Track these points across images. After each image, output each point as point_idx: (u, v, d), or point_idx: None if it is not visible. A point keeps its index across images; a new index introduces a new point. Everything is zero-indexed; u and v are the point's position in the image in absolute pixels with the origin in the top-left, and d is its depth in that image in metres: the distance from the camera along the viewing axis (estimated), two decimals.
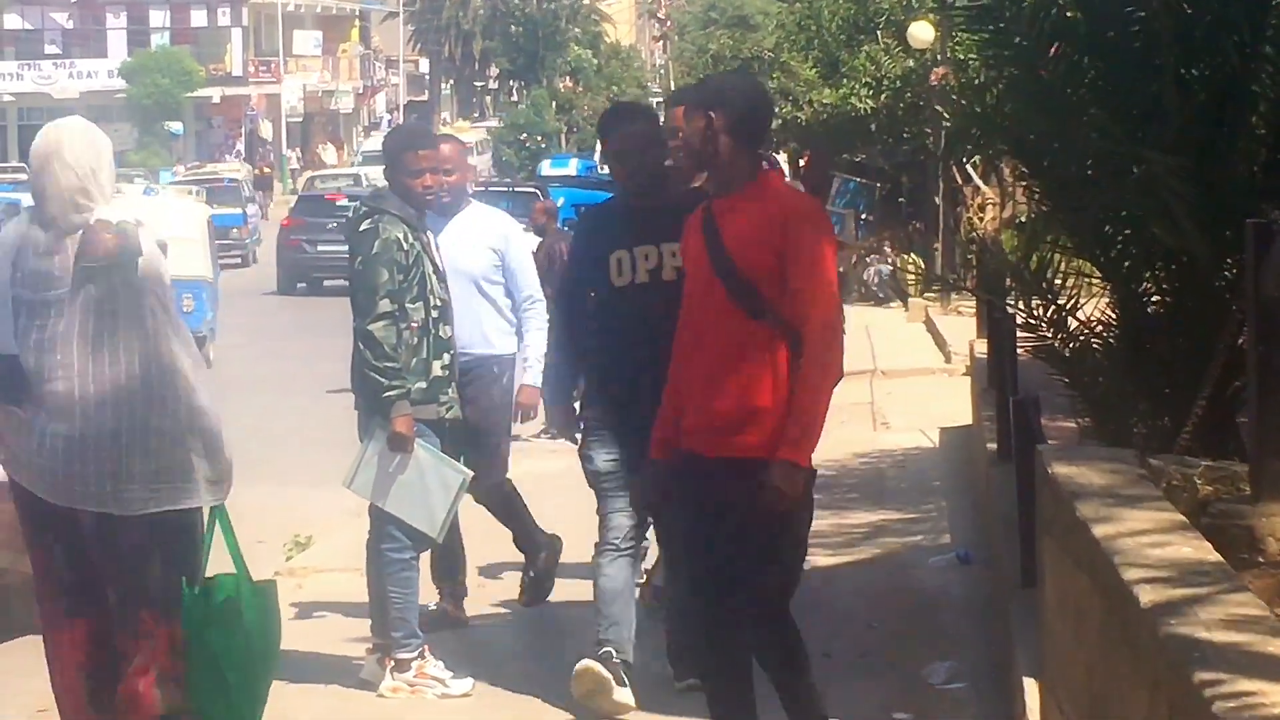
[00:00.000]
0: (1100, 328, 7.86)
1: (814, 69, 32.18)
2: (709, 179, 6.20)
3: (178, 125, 67.97)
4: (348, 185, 44.94)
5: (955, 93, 11.09)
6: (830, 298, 5.69)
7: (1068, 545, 5.05)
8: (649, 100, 68.00)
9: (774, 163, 11.97)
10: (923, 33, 27.35)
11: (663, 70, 78.86)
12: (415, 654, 7.52)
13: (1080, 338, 7.90)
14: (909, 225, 30.95)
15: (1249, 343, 5.48)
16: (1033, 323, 8.05)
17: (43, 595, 6.04)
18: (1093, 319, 7.88)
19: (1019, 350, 9.09)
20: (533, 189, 33.41)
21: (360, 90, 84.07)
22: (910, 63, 29.01)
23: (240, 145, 70.86)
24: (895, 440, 14.94)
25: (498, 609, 9.03)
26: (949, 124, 12.76)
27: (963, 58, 19.63)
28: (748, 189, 5.80)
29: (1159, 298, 7.62)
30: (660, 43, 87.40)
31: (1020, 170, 10.45)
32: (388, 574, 7.54)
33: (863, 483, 12.67)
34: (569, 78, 78.27)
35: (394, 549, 7.54)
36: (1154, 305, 7.65)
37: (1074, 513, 4.89)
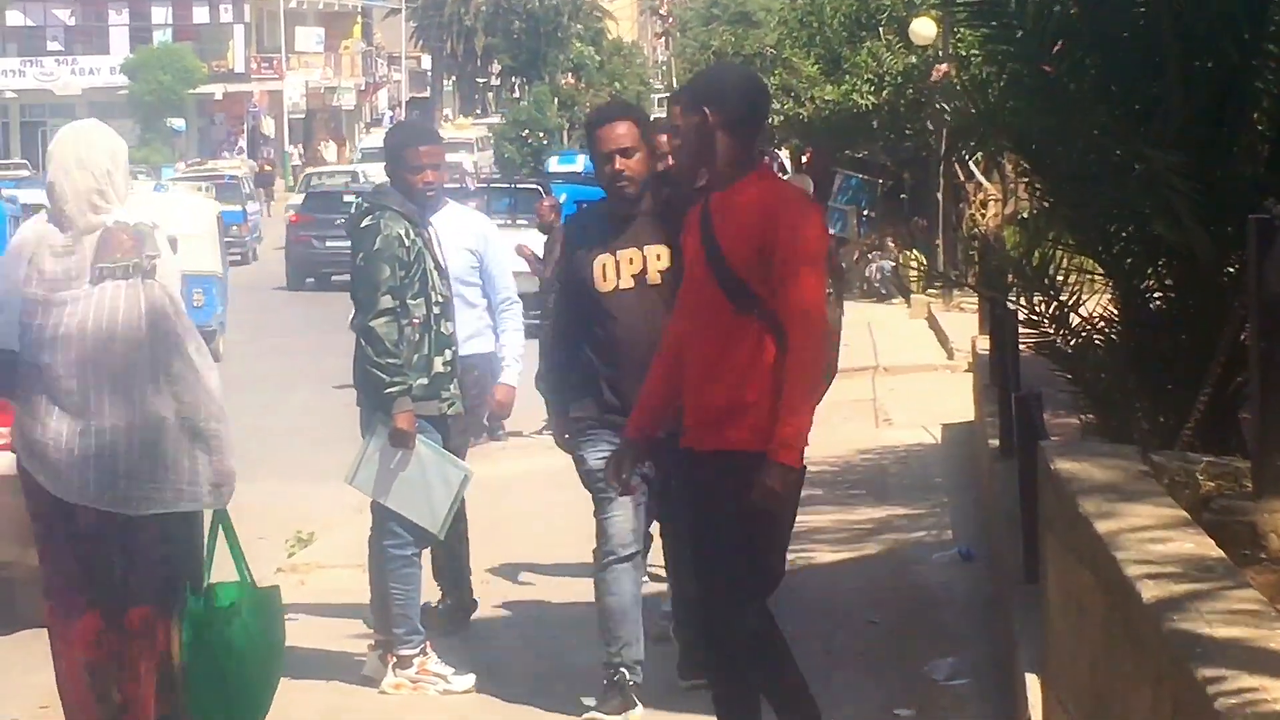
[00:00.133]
0: (1102, 324, 7.85)
1: (816, 65, 32.12)
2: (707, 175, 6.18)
3: (180, 122, 67.95)
4: (346, 183, 44.93)
5: (957, 89, 11.05)
6: (811, 288, 5.62)
7: (1070, 541, 5.05)
8: (650, 97, 68.04)
9: (775, 158, 11.97)
10: (925, 29, 27.33)
11: (665, 67, 78.84)
12: (417, 650, 7.52)
13: (1082, 334, 7.90)
14: (911, 221, 30.88)
15: (1251, 339, 5.48)
16: (1035, 319, 8.04)
17: (50, 589, 6.06)
18: (1095, 315, 7.88)
19: (1021, 346, 9.06)
20: (534, 185, 33.39)
21: (362, 87, 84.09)
22: (912, 59, 28.97)
23: (242, 142, 70.84)
24: (897, 436, 14.93)
25: (499, 608, 9.03)
26: (951, 120, 12.72)
27: (965, 54, 19.59)
28: (742, 184, 5.80)
29: (1161, 294, 7.61)
30: (662, 39, 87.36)
31: (1022, 166, 10.45)
32: (389, 570, 7.54)
33: (865, 479, 12.67)
34: (571, 74, 78.15)
35: (396, 545, 7.54)
36: (1156, 301, 7.64)
37: (1076, 508, 4.89)
